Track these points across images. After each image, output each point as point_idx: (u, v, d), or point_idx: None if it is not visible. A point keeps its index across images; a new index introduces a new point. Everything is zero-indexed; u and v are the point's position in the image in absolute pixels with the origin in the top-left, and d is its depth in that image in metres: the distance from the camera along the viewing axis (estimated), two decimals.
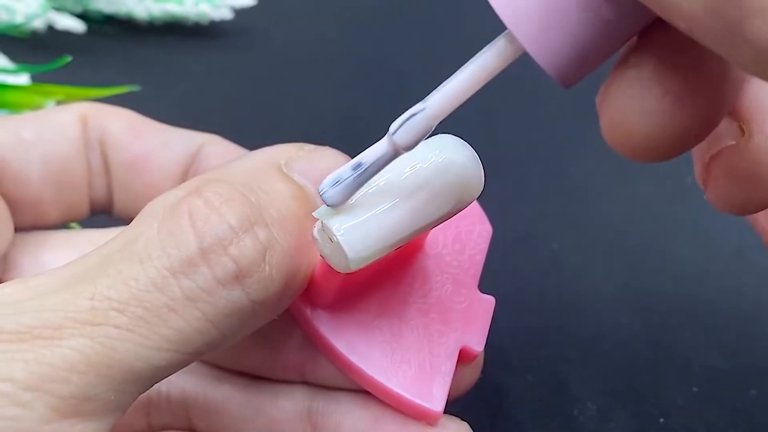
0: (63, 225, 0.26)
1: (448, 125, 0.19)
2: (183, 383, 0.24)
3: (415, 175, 0.19)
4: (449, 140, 0.19)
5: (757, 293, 0.34)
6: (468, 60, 0.17)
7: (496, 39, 0.16)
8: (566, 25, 0.15)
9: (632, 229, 0.36)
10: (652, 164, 0.38)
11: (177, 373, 0.18)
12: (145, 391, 0.18)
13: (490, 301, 0.23)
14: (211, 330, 0.18)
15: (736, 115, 0.18)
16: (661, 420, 0.30)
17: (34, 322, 0.17)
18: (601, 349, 0.32)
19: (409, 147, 0.17)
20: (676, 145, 0.16)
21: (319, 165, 0.21)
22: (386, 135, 0.17)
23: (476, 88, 0.17)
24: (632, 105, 0.16)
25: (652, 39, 0.15)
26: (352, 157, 0.22)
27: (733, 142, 0.18)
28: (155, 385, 0.18)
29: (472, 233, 0.24)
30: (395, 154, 0.18)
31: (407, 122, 0.17)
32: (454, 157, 0.19)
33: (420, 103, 0.17)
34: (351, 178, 0.18)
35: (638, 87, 0.16)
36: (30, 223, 0.25)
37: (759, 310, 0.33)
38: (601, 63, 0.16)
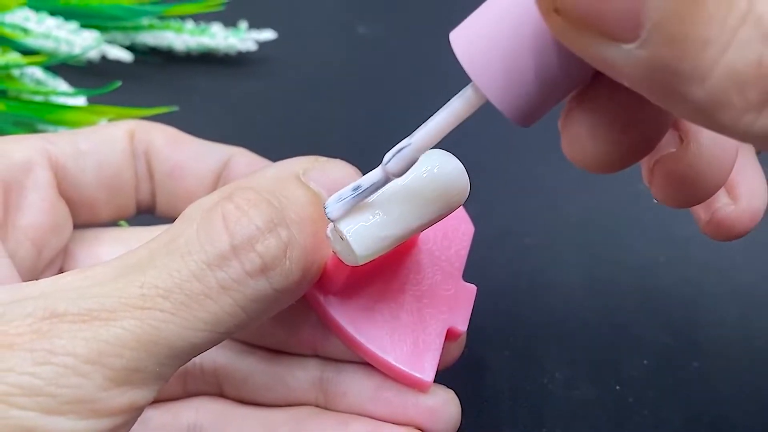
0: (113, 223, 0.26)
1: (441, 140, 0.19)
2: (214, 356, 0.24)
3: (412, 186, 0.19)
4: (440, 155, 0.19)
5: (699, 281, 0.34)
6: (449, 95, 0.17)
7: (465, 89, 0.16)
8: (524, 79, 0.15)
9: (593, 226, 0.36)
10: (610, 175, 0.38)
11: None
12: (183, 364, 0.18)
13: (472, 288, 0.23)
14: (240, 313, 0.18)
15: (676, 127, 0.18)
16: (618, 388, 0.30)
17: (93, 306, 0.17)
18: (567, 329, 0.32)
19: (399, 174, 0.18)
20: (624, 161, 0.16)
21: (332, 174, 0.21)
22: (380, 164, 0.18)
23: (450, 128, 0.17)
24: (587, 132, 0.16)
25: (603, 80, 0.15)
26: (360, 168, 0.22)
27: (674, 149, 0.18)
28: None
29: (457, 232, 0.24)
30: (387, 179, 0.18)
31: (398, 155, 0.17)
32: (443, 170, 0.19)
33: (407, 138, 0.17)
34: (350, 197, 0.19)
35: (591, 117, 0.16)
36: (85, 221, 0.25)
37: (700, 295, 0.33)
38: (555, 106, 0.16)
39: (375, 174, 0.18)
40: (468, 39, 0.15)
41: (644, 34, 0.12)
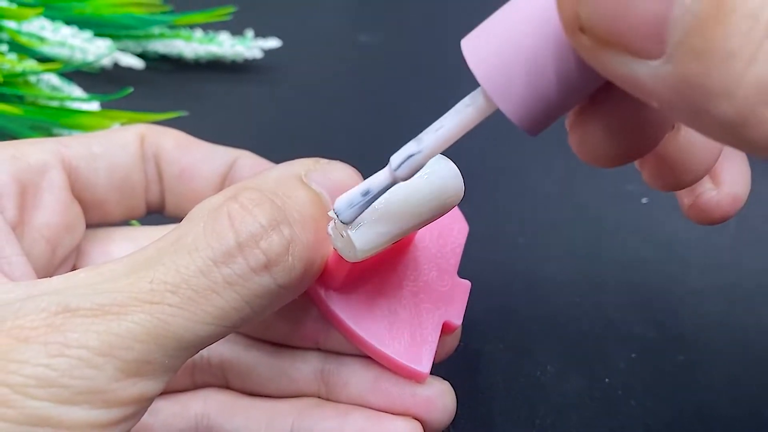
0: (124, 222, 0.26)
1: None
2: (221, 349, 0.24)
3: (410, 188, 0.19)
4: (437, 159, 0.19)
5: (684, 278, 0.34)
6: (453, 101, 0.16)
7: (475, 96, 0.16)
8: (538, 92, 0.15)
9: (583, 226, 0.36)
10: (599, 176, 0.38)
11: None
12: (191, 357, 0.18)
13: (467, 284, 0.23)
14: (245, 308, 0.18)
15: None
16: (606, 380, 0.30)
17: (105, 301, 0.17)
18: (558, 323, 0.32)
19: (407, 179, 0.17)
20: (629, 157, 0.16)
21: (332, 176, 0.21)
22: (388, 167, 0.17)
23: (461, 135, 0.17)
24: (596, 132, 0.16)
25: (612, 86, 0.15)
26: (360, 169, 0.22)
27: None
28: None
29: (452, 230, 0.24)
30: (394, 183, 0.18)
31: (407, 162, 0.17)
32: (440, 173, 0.19)
33: (414, 142, 0.17)
34: (362, 203, 0.18)
35: (601, 119, 0.16)
36: (98, 220, 0.25)
37: (685, 292, 0.33)
38: (563, 115, 0.16)
39: (382, 178, 0.18)
40: (480, 48, 0.15)
41: (669, 49, 0.12)
